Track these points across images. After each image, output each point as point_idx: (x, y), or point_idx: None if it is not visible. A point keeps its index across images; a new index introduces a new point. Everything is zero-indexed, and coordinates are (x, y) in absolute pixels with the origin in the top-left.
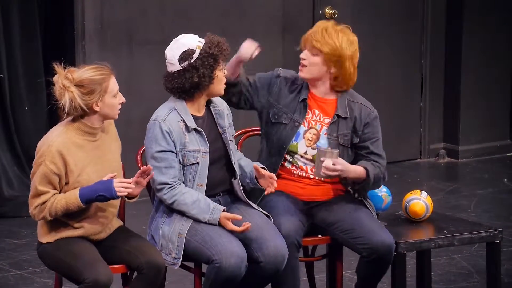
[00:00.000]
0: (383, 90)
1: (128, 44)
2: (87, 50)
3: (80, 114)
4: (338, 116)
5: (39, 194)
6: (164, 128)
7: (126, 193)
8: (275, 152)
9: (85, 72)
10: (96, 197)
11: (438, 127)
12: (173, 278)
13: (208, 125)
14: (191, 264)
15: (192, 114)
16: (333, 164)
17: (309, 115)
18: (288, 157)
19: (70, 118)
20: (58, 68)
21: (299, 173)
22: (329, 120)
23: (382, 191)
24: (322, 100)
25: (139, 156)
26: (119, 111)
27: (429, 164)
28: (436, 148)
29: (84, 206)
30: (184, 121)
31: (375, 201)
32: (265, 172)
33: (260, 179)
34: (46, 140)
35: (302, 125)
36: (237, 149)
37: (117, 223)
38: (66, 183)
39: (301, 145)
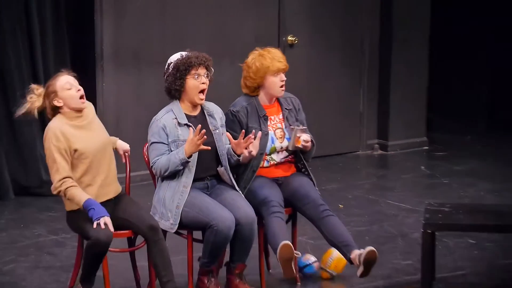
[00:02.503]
0: (332, 99)
1: (137, 63)
2: (105, 68)
3: (58, 112)
4: (286, 109)
5: (58, 168)
6: (160, 125)
7: (97, 226)
8: (255, 157)
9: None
10: (89, 210)
11: (373, 126)
12: (171, 243)
13: (199, 122)
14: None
15: (186, 113)
16: None
17: (270, 122)
18: (268, 158)
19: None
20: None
21: (273, 164)
22: (281, 117)
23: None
24: (270, 106)
25: (145, 149)
26: (85, 100)
27: (366, 156)
28: (372, 143)
29: (82, 208)
30: (177, 119)
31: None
32: (239, 139)
33: (236, 148)
34: (46, 130)
35: (270, 132)
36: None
37: (118, 187)
38: (75, 150)
39: (278, 144)
